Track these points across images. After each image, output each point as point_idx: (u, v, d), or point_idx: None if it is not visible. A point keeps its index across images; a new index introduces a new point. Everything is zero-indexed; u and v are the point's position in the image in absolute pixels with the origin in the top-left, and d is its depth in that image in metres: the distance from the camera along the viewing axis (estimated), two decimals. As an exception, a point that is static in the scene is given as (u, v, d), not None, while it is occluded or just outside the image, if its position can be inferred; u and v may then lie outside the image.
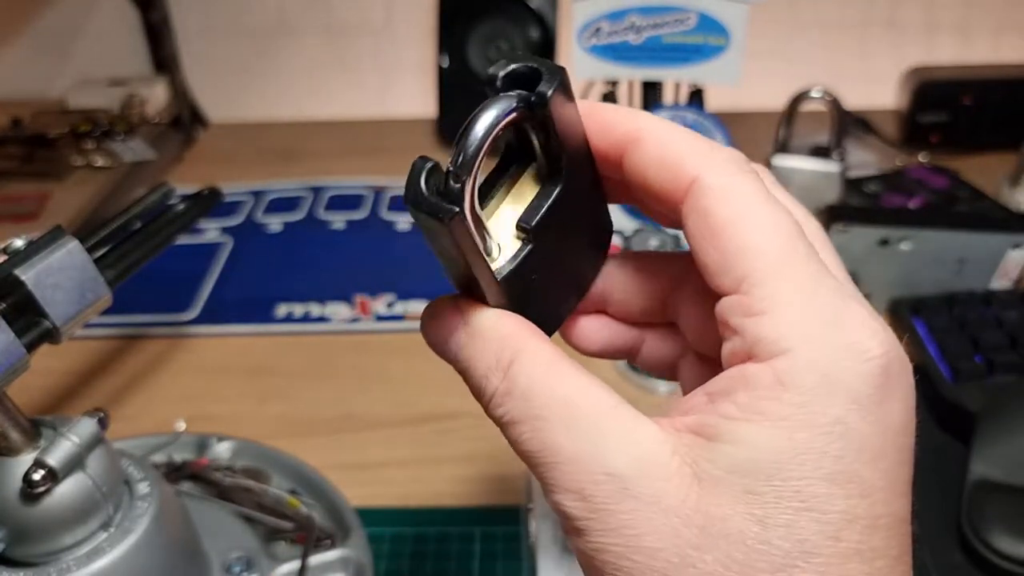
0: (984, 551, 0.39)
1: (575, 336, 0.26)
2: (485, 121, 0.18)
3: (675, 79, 0.62)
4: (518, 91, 0.19)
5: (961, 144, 0.80)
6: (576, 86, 0.21)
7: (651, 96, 0.64)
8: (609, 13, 0.59)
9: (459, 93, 0.85)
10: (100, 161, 0.84)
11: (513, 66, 0.19)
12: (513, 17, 0.82)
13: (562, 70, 0.19)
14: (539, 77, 0.19)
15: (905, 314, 0.54)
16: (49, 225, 0.36)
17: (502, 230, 0.21)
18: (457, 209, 0.18)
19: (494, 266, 0.20)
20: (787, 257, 0.18)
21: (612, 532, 0.17)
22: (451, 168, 0.18)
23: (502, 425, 0.20)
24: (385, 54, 0.97)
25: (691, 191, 0.19)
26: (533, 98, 0.19)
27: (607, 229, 0.24)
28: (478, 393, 0.20)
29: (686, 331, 0.24)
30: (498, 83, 0.19)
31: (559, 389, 0.19)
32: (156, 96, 0.94)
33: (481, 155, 0.18)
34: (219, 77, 0.98)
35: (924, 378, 0.50)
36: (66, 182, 0.82)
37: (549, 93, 0.18)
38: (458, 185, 0.18)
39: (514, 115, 0.18)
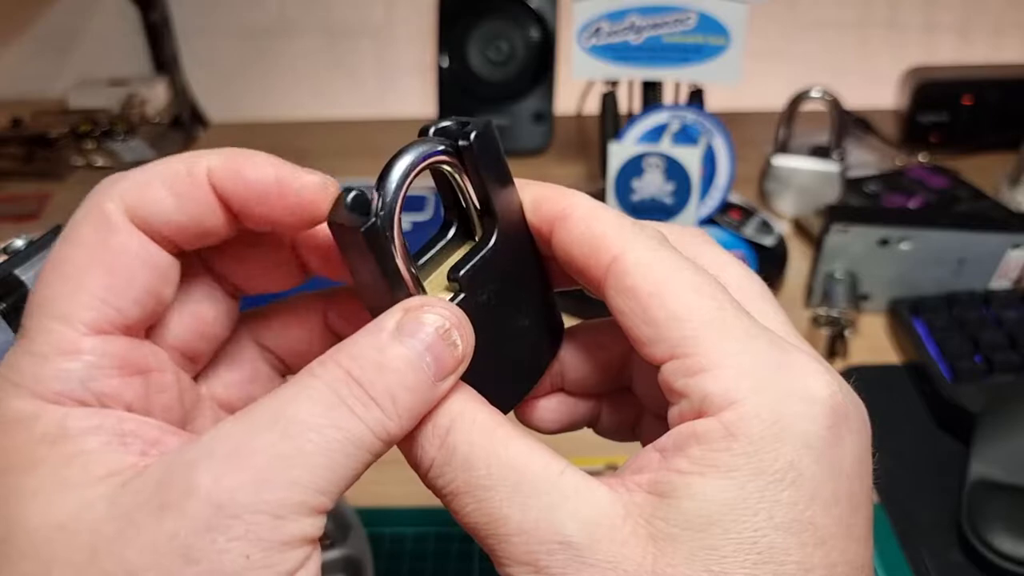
0: (984, 551, 0.39)
1: (534, 419, 0.25)
2: (407, 158, 0.19)
3: (675, 79, 0.62)
4: (440, 138, 0.20)
5: (961, 144, 0.80)
6: (576, 86, 0.21)
7: (651, 96, 0.64)
8: (609, 13, 0.59)
9: (459, 93, 0.85)
10: (100, 161, 0.84)
11: (445, 122, 0.20)
12: (513, 17, 0.82)
13: (488, 124, 0.20)
14: (467, 132, 0.20)
15: (905, 314, 0.54)
16: (49, 225, 0.36)
17: (438, 291, 0.21)
18: (373, 219, 0.18)
19: None
20: (716, 315, 0.18)
21: None
22: (375, 195, 0.19)
23: (443, 496, 0.19)
24: (385, 54, 0.97)
25: (611, 270, 0.19)
26: (453, 144, 0.20)
27: (559, 326, 0.24)
28: (414, 463, 0.19)
29: (641, 394, 0.24)
30: (429, 134, 0.20)
31: (503, 456, 0.18)
32: (156, 96, 0.94)
33: (403, 189, 0.19)
34: (219, 77, 0.98)
35: (924, 378, 0.50)
36: (66, 182, 0.82)
37: (471, 138, 0.20)
38: (378, 205, 0.19)
39: (435, 156, 0.20)
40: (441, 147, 0.20)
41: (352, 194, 0.19)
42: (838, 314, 0.54)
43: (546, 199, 0.21)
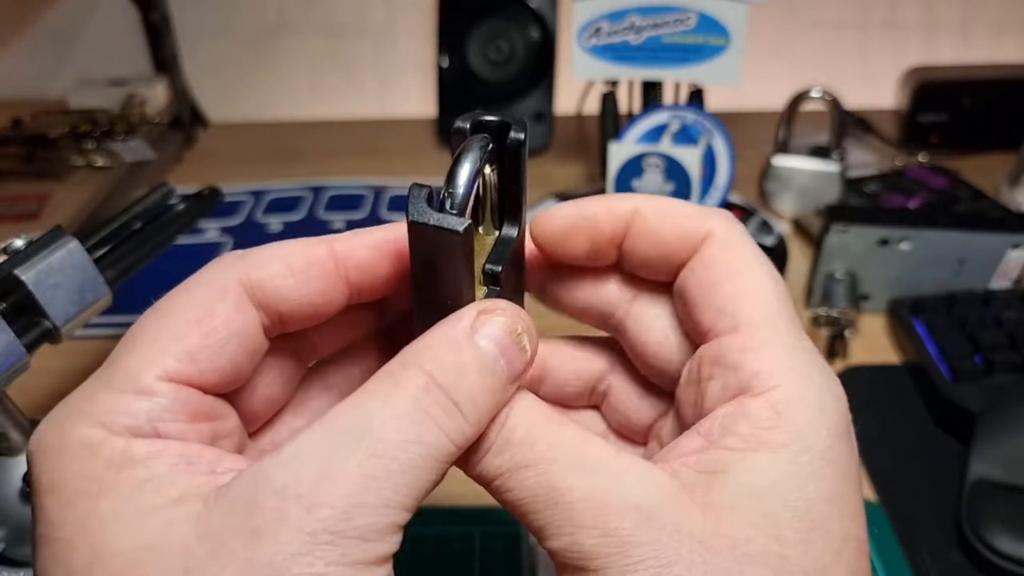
0: (984, 551, 0.39)
1: None
2: (472, 155, 0.19)
3: (675, 79, 0.62)
4: (485, 135, 0.20)
5: (961, 144, 0.80)
6: (576, 86, 0.21)
7: (651, 96, 0.64)
8: (609, 13, 0.59)
9: (459, 93, 0.85)
10: (100, 161, 0.84)
11: (485, 117, 0.20)
12: (513, 17, 0.82)
13: (524, 121, 0.21)
14: (507, 127, 0.20)
15: (905, 314, 0.54)
16: (49, 225, 0.36)
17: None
18: (470, 220, 0.18)
19: None
20: (781, 311, 0.20)
21: (639, 565, 0.17)
22: (446, 194, 0.19)
23: (500, 475, 0.19)
24: (385, 54, 0.97)
25: (704, 243, 0.21)
26: (508, 140, 0.20)
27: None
28: (472, 447, 0.19)
29: (613, 412, 0.25)
30: (466, 128, 0.20)
31: (563, 434, 0.19)
32: (156, 96, 0.94)
33: (473, 188, 0.19)
34: (219, 77, 0.98)
35: (924, 378, 0.50)
36: (66, 182, 0.82)
37: (523, 136, 0.20)
38: (454, 209, 0.19)
39: (489, 154, 0.20)
40: (491, 145, 0.20)
41: (426, 191, 0.19)
42: (838, 314, 0.54)
43: (615, 203, 0.22)
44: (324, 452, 0.17)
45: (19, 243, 0.35)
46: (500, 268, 0.20)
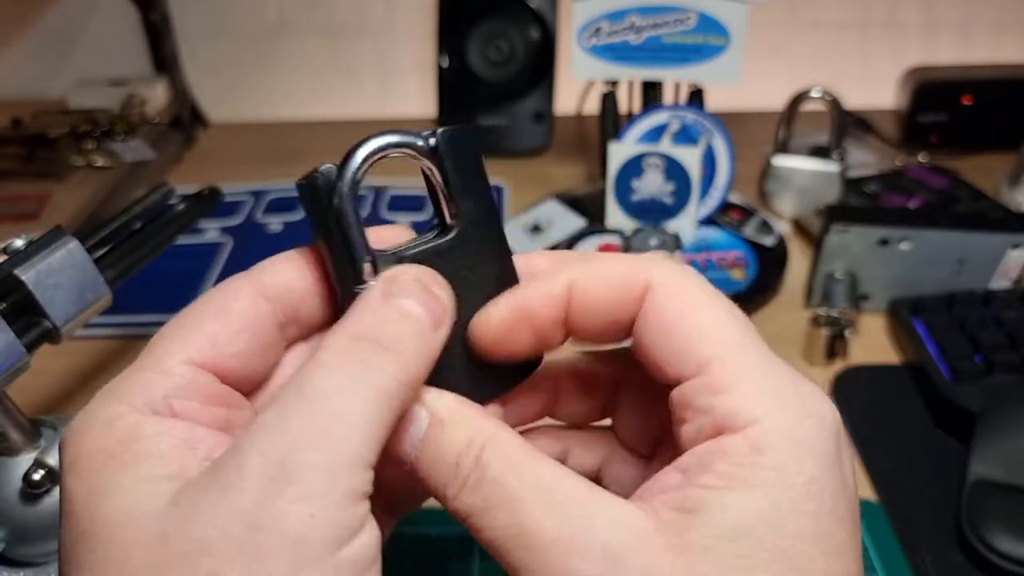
0: (984, 551, 0.39)
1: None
2: (373, 142, 0.21)
3: (675, 79, 0.62)
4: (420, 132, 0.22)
5: (961, 144, 0.80)
6: (576, 86, 0.21)
7: (651, 96, 0.64)
8: (609, 13, 0.59)
9: (459, 93, 0.85)
10: (100, 161, 0.84)
11: (452, 127, 0.22)
12: (513, 17, 0.82)
13: (462, 129, 0.22)
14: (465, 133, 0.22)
15: (905, 314, 0.54)
16: (49, 225, 0.36)
17: None
18: (336, 170, 0.20)
19: None
20: (743, 339, 0.20)
21: None
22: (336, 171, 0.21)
23: (471, 515, 0.19)
24: (385, 55, 0.97)
25: (647, 294, 0.21)
26: (422, 140, 0.21)
27: (534, 356, 0.24)
28: (444, 482, 0.20)
29: (622, 428, 0.25)
30: (435, 135, 0.22)
31: (537, 472, 0.19)
32: (156, 96, 0.94)
33: (363, 169, 0.21)
34: (219, 77, 0.98)
35: (924, 378, 0.50)
36: (66, 182, 0.82)
37: (436, 138, 0.21)
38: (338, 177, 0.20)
39: (397, 147, 0.21)
40: (400, 139, 0.21)
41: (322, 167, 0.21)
42: (838, 314, 0.54)
43: (547, 283, 0.22)
44: (274, 414, 0.18)
45: (19, 243, 0.35)
46: (405, 254, 0.21)
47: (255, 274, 0.22)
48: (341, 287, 0.21)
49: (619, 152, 0.62)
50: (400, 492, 0.23)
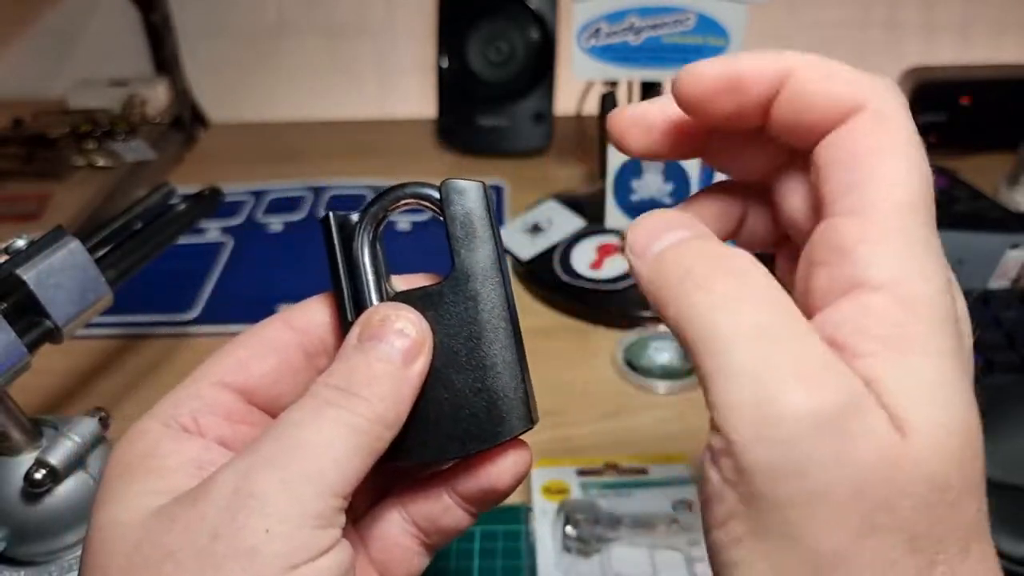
0: (983, 550, 0.39)
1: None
2: (390, 194, 0.24)
3: (675, 79, 0.62)
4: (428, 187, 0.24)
5: (960, 144, 0.80)
6: (576, 86, 0.21)
7: (650, 96, 0.64)
8: (608, 14, 0.59)
9: (459, 94, 0.85)
10: (101, 161, 0.84)
11: (455, 181, 0.24)
12: (513, 18, 0.82)
13: (477, 187, 0.24)
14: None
15: (904, 314, 0.54)
16: (50, 225, 0.36)
17: None
18: (343, 215, 0.24)
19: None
20: (915, 201, 0.19)
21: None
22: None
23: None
24: (385, 55, 0.97)
25: (858, 113, 0.19)
26: (427, 193, 0.24)
27: (526, 408, 0.23)
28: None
29: (785, 201, 0.22)
30: (439, 188, 0.24)
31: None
32: (157, 96, 0.94)
33: (379, 213, 0.25)
34: (219, 77, 0.98)
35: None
36: (67, 182, 0.82)
37: (440, 193, 0.24)
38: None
39: (407, 199, 0.24)
40: (413, 192, 0.24)
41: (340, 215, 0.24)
42: (837, 314, 0.54)
43: (766, 59, 0.20)
44: (252, 447, 0.20)
45: (20, 243, 0.35)
46: (397, 293, 0.24)
47: (287, 310, 0.25)
48: (341, 325, 0.24)
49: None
50: (435, 533, 0.25)
